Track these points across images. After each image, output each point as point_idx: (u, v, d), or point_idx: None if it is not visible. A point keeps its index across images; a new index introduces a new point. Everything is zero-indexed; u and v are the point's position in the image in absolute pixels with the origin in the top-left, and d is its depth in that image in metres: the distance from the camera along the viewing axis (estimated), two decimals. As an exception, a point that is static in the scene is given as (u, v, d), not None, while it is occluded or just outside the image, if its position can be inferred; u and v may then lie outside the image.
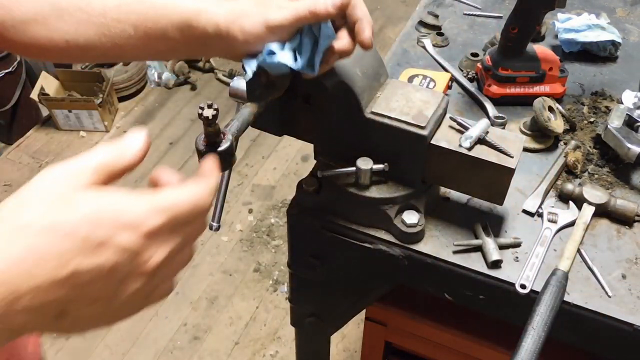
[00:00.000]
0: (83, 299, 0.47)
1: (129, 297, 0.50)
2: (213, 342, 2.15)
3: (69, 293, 0.46)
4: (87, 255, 0.46)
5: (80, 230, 0.46)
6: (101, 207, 0.47)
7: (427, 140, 0.81)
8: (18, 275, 0.44)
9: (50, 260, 0.45)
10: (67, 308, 0.47)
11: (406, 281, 0.95)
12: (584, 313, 0.83)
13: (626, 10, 1.43)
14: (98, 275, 0.47)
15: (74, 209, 0.46)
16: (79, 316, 0.49)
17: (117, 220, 0.47)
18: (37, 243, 0.45)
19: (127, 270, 0.49)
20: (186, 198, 0.51)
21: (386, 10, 3.78)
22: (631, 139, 0.97)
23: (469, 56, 1.23)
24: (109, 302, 0.49)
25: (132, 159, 0.52)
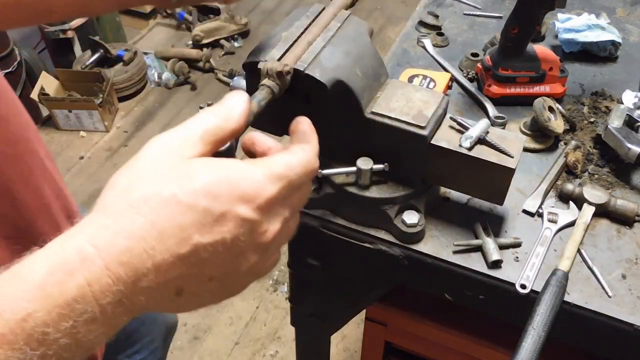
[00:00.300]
0: (202, 275, 0.46)
1: (245, 271, 0.48)
2: (213, 342, 2.15)
3: (190, 270, 0.44)
4: (207, 229, 0.44)
5: (199, 204, 0.44)
6: (218, 178, 0.45)
7: (427, 140, 0.81)
8: (139, 254, 0.42)
9: (171, 237, 0.43)
10: (186, 285, 0.45)
11: (406, 281, 0.95)
12: (584, 313, 0.83)
13: (626, 10, 1.43)
14: (217, 249, 0.45)
15: (191, 181, 0.44)
16: (196, 293, 0.47)
17: (235, 191, 0.45)
18: (157, 219, 0.43)
19: (247, 243, 0.47)
20: (298, 163, 0.50)
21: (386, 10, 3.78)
22: (631, 139, 0.97)
23: (469, 56, 1.23)
24: (227, 277, 0.47)
25: (236, 123, 0.50)
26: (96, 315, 0.41)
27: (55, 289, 0.40)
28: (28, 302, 0.39)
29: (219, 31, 3.39)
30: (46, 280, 0.40)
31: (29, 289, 0.40)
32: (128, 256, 0.42)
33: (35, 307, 0.39)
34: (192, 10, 3.50)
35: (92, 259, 0.41)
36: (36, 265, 0.41)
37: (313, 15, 0.84)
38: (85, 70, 2.95)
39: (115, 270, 0.41)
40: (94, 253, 0.41)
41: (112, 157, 2.78)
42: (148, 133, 2.93)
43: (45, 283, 0.40)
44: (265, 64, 0.73)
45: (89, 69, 2.97)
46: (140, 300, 0.43)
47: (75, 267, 0.41)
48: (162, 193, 0.44)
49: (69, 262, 0.41)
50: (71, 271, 0.40)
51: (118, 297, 0.42)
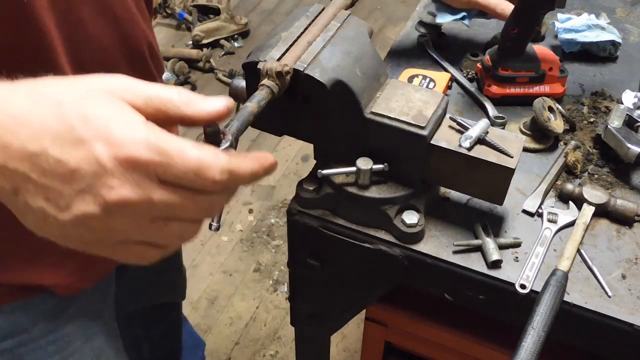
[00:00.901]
0: (38, 186, 0.45)
1: (78, 219, 0.46)
2: (213, 342, 2.15)
3: (29, 171, 0.44)
4: (61, 144, 0.44)
5: (72, 119, 0.44)
6: (106, 111, 0.45)
7: (427, 140, 0.81)
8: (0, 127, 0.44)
9: (31, 130, 0.44)
10: (23, 187, 0.45)
11: (406, 281, 0.95)
12: (584, 313, 0.83)
13: (626, 10, 1.43)
14: (59, 168, 0.44)
15: (87, 102, 0.45)
16: (29, 205, 0.46)
17: (107, 129, 0.44)
18: (34, 109, 0.44)
19: (88, 184, 0.44)
20: (195, 158, 0.46)
21: (386, 10, 3.78)
22: (631, 139, 0.97)
23: (469, 56, 1.23)
24: (59, 209, 0.46)
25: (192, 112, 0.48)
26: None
27: None
28: None
29: (219, 31, 3.39)
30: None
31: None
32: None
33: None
34: (192, 10, 3.50)
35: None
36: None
37: (313, 15, 0.84)
38: (85, 70, 2.95)
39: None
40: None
41: (112, 157, 2.78)
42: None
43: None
44: (264, 64, 0.73)
45: (89, 69, 2.97)
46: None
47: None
48: (60, 96, 0.45)
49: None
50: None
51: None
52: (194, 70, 3.26)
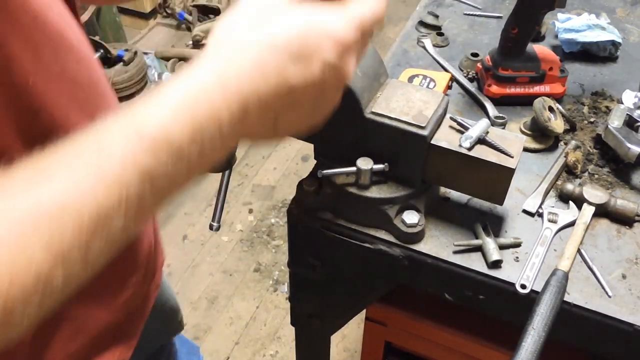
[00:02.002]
0: (294, 107, 0.55)
1: (325, 103, 0.58)
2: (213, 342, 2.15)
3: (285, 103, 0.54)
4: (300, 71, 0.53)
5: (290, 47, 0.52)
6: (307, 23, 0.53)
7: (427, 140, 0.81)
8: (249, 93, 0.51)
9: (273, 77, 0.52)
10: (281, 115, 0.55)
11: (406, 281, 0.95)
12: (584, 313, 0.83)
13: (626, 10, 1.43)
14: (308, 88, 0.54)
15: (287, 27, 0.53)
16: (287, 120, 0.56)
17: (321, 37, 0.53)
18: (259, 58, 0.51)
19: (329, 84, 0.56)
20: (371, 10, 0.58)
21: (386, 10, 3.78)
22: (631, 139, 0.97)
23: (469, 56, 1.23)
24: (311, 109, 0.57)
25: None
26: (215, 137, 0.50)
27: (189, 112, 0.48)
28: (170, 120, 0.47)
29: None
30: (181, 104, 0.48)
31: (170, 110, 0.48)
32: (238, 92, 0.50)
33: (174, 125, 0.47)
34: (192, 10, 3.50)
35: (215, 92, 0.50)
36: (173, 90, 0.49)
37: (313, 15, 0.84)
38: (85, 70, 2.95)
39: (231, 103, 0.50)
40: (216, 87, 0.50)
41: (112, 157, 2.78)
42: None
43: (181, 106, 0.48)
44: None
45: (89, 69, 2.96)
46: (249, 128, 0.53)
47: (203, 96, 0.49)
48: (259, 36, 0.52)
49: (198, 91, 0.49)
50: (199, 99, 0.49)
51: (233, 126, 0.51)
52: (194, 70, 3.26)
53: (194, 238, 2.49)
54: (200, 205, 2.58)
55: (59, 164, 0.45)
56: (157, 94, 0.50)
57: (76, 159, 0.45)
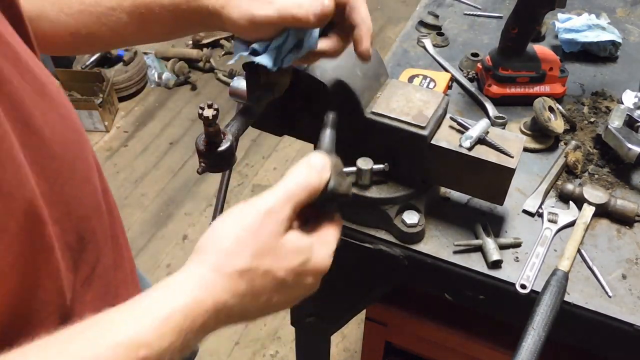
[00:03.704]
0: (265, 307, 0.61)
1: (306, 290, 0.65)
2: (213, 342, 2.15)
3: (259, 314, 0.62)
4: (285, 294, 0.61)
5: (287, 279, 0.59)
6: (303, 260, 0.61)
7: (427, 140, 0.81)
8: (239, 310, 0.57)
9: (261, 298, 0.59)
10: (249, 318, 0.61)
11: (406, 281, 0.95)
12: (584, 313, 0.83)
13: (626, 10, 1.43)
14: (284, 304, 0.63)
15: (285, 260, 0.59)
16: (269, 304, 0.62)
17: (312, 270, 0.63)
18: (256, 285, 0.57)
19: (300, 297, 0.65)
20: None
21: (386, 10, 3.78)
22: (631, 139, 0.97)
23: (469, 56, 1.23)
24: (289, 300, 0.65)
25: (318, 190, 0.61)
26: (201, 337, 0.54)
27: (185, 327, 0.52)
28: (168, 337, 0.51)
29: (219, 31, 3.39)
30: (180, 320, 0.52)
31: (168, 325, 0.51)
32: (230, 312, 0.56)
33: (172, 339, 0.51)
34: (192, 10, 3.50)
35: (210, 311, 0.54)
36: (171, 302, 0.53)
37: (313, 15, 0.84)
38: (86, 70, 2.95)
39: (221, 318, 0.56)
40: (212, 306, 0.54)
41: (112, 157, 2.78)
42: (148, 133, 2.93)
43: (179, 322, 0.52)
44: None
45: (89, 69, 2.97)
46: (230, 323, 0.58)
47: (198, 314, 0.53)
48: (264, 266, 0.57)
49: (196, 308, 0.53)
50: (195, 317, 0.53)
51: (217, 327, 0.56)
52: (194, 70, 3.26)
53: (194, 238, 2.48)
54: (200, 205, 2.58)
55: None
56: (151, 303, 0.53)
57: None
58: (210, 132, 0.63)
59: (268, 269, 0.57)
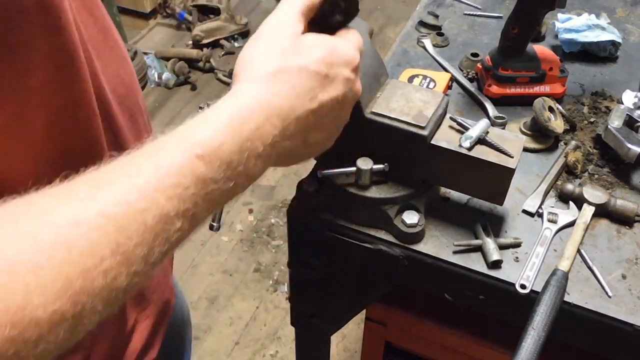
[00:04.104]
0: (321, 125, 0.63)
1: (342, 117, 0.67)
2: (213, 342, 2.15)
3: (315, 121, 0.61)
4: (327, 88, 0.61)
5: (321, 70, 0.60)
6: (329, 50, 0.62)
7: (427, 140, 0.81)
8: (287, 108, 0.58)
9: (305, 95, 0.59)
10: (310, 134, 0.62)
11: (406, 281, 0.95)
12: (584, 313, 0.83)
13: (626, 10, 1.43)
14: (333, 104, 0.63)
15: (311, 53, 0.61)
16: (314, 137, 0.63)
17: (340, 59, 0.63)
18: (295, 82, 0.59)
19: (347, 98, 0.65)
20: (360, 41, 0.68)
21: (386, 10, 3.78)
22: (631, 139, 0.97)
23: (469, 56, 1.23)
24: (332, 127, 0.66)
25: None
26: (260, 152, 0.56)
27: (237, 129, 0.54)
28: (221, 135, 0.53)
29: (219, 31, 3.39)
30: (230, 123, 0.54)
31: (219, 128, 0.54)
32: (279, 111, 0.57)
33: (226, 139, 0.53)
34: (192, 10, 3.50)
35: (258, 112, 0.56)
36: (220, 113, 0.55)
37: (313, 15, 0.84)
38: (85, 70, 2.95)
39: (273, 120, 0.57)
40: (260, 108, 0.56)
41: (112, 157, 2.78)
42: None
43: (230, 124, 0.54)
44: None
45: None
46: (285, 145, 0.59)
47: (249, 115, 0.56)
48: (294, 64, 0.59)
49: (245, 111, 0.56)
50: (246, 118, 0.55)
51: (274, 140, 0.57)
52: (194, 70, 3.26)
53: (194, 238, 2.48)
54: (200, 205, 2.58)
55: (117, 174, 0.49)
56: (205, 115, 0.55)
57: (135, 171, 0.49)
58: None
59: (300, 64, 0.59)
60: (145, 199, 0.47)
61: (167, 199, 0.48)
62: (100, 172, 0.49)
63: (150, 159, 0.50)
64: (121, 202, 0.46)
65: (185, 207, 0.49)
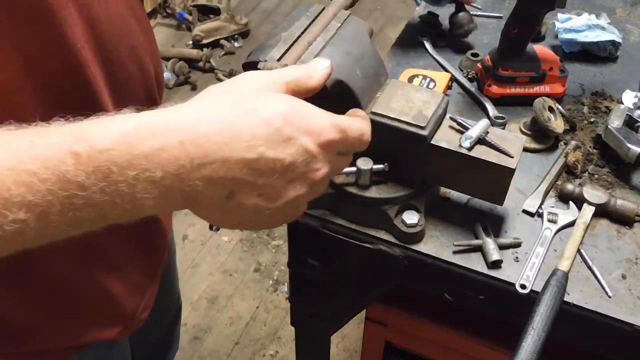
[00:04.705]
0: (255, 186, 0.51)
1: (288, 202, 0.54)
2: (213, 342, 2.16)
3: (247, 177, 0.50)
4: (274, 145, 0.50)
5: (275, 122, 0.50)
6: (294, 109, 0.53)
7: (427, 140, 0.81)
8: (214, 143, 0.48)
9: (244, 141, 0.49)
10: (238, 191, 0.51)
11: (406, 281, 0.95)
12: (584, 313, 0.83)
13: (626, 10, 1.43)
14: (276, 167, 0.51)
15: (272, 103, 0.52)
16: (242, 204, 0.52)
17: (305, 123, 0.52)
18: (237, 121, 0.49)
19: (300, 173, 0.53)
20: (357, 128, 0.58)
21: (386, 10, 3.78)
22: (631, 139, 0.97)
23: (469, 56, 1.23)
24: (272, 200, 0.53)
25: (315, 83, 0.59)
26: (156, 178, 0.47)
27: (135, 141, 0.46)
28: (110, 141, 0.46)
29: (219, 31, 3.39)
30: (132, 132, 0.47)
31: (115, 132, 0.46)
32: (204, 141, 0.48)
33: (114, 147, 0.46)
34: (192, 10, 3.50)
35: (175, 131, 0.48)
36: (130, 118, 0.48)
37: (313, 15, 0.84)
38: (86, 70, 2.95)
39: (189, 148, 0.47)
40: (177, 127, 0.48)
41: (112, 157, 2.78)
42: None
43: (130, 134, 0.47)
44: (265, 64, 0.73)
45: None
46: (196, 186, 0.48)
47: (158, 131, 0.47)
48: (246, 104, 0.51)
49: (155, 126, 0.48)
50: (154, 134, 0.47)
51: (180, 171, 0.47)
52: (194, 70, 3.26)
53: (194, 238, 2.48)
54: (200, 205, 2.58)
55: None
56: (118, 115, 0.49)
57: (9, 141, 0.45)
58: None
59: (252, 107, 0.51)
60: None
61: (16, 183, 0.43)
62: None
63: (32, 136, 0.46)
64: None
65: (33, 199, 0.44)
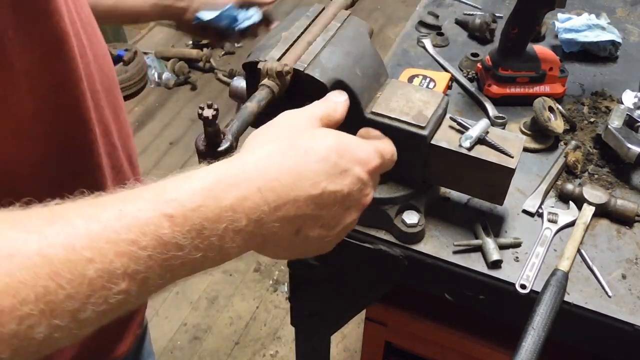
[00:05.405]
0: (318, 219, 0.55)
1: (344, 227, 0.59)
2: (213, 342, 2.16)
3: (313, 211, 0.54)
4: (333, 179, 0.55)
5: (330, 157, 0.55)
6: (342, 142, 0.57)
7: (427, 140, 0.81)
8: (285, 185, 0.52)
9: (307, 179, 0.53)
10: (304, 226, 0.55)
11: (406, 281, 0.95)
12: (584, 313, 0.83)
13: (626, 10, 1.43)
14: (337, 198, 0.56)
15: (322, 140, 0.56)
16: (308, 236, 0.56)
17: (355, 154, 0.57)
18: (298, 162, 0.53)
19: (354, 200, 0.58)
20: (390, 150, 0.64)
21: (386, 10, 3.78)
22: (631, 139, 0.97)
23: (469, 56, 1.23)
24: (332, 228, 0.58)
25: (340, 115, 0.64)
26: (242, 227, 0.49)
27: (220, 195, 0.48)
28: (199, 198, 0.47)
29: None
30: (214, 186, 0.49)
31: (198, 189, 0.48)
32: (276, 185, 0.51)
33: (204, 203, 0.47)
34: (192, 10, 3.50)
35: (251, 180, 0.50)
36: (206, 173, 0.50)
37: (313, 15, 0.84)
38: (85, 70, 2.95)
39: (266, 194, 0.50)
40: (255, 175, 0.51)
41: (112, 157, 2.78)
42: (148, 133, 2.93)
43: (214, 188, 0.48)
44: (265, 64, 0.73)
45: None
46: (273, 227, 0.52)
47: (238, 182, 0.50)
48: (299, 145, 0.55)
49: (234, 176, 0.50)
50: (235, 185, 0.49)
51: (261, 217, 0.50)
52: (194, 70, 3.26)
53: (194, 238, 2.49)
54: (200, 205, 2.58)
55: (75, 213, 0.44)
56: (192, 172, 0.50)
57: (94, 214, 0.44)
58: (210, 133, 0.63)
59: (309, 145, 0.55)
60: (92, 249, 0.42)
61: (117, 255, 0.43)
62: (61, 206, 0.45)
63: (117, 205, 0.45)
64: (66, 245, 0.41)
65: (136, 268, 0.43)
